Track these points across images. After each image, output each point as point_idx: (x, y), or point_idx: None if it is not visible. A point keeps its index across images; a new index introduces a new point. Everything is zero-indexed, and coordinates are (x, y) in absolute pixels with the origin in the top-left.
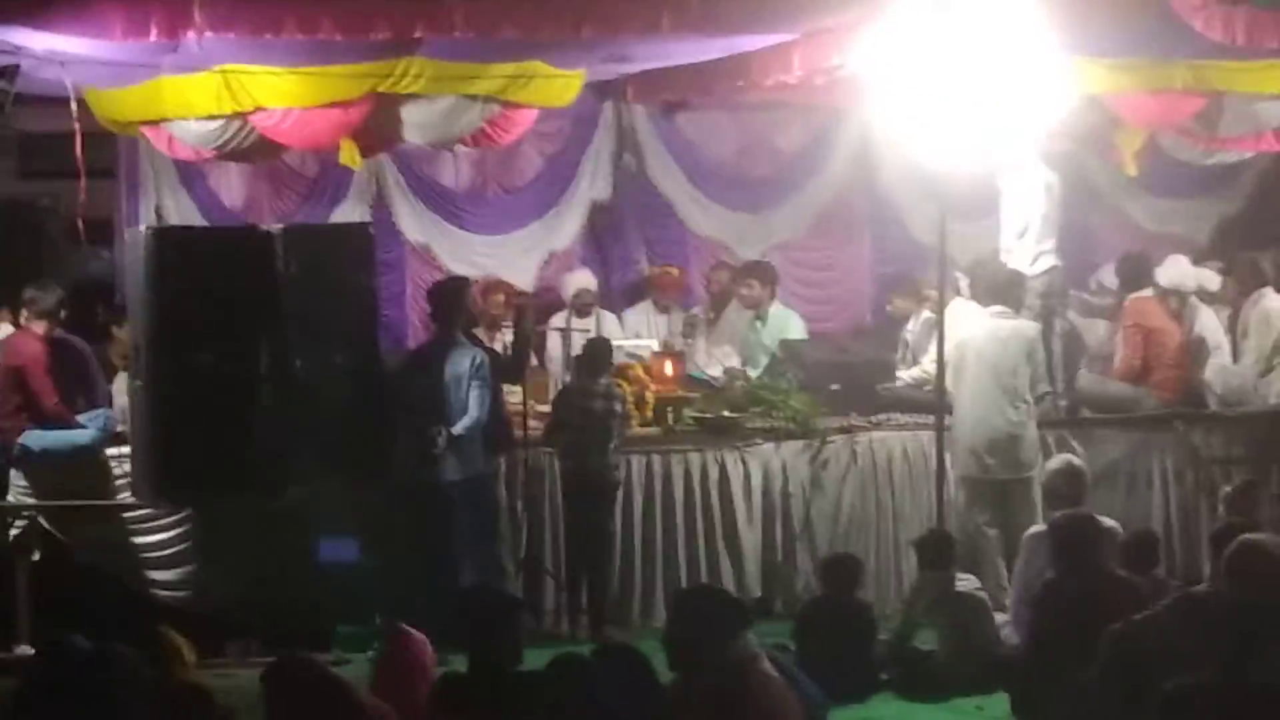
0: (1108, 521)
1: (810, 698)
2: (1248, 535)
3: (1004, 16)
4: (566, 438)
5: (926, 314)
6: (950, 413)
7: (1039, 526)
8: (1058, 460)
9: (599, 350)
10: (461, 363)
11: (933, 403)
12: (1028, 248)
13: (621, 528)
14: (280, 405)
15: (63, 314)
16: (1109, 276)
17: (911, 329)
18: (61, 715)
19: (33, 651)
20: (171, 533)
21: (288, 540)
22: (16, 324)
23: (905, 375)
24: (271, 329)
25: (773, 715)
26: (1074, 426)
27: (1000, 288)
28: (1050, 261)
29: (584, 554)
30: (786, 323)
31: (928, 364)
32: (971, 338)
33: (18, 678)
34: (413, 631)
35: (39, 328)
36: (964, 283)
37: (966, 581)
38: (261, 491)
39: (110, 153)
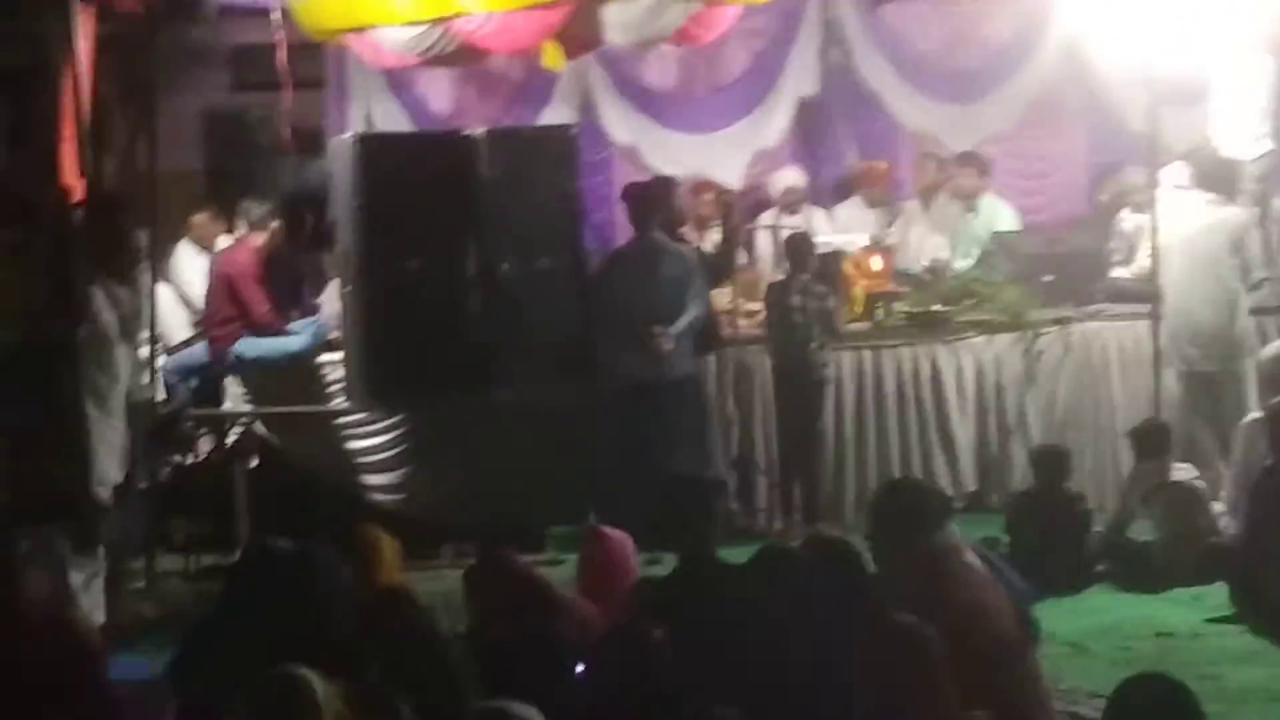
0: None
1: (1015, 589)
2: None
3: None
4: (774, 335)
5: (1141, 203)
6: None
7: (1256, 414)
8: (1274, 347)
9: (799, 247)
10: (670, 262)
11: (1148, 292)
12: (1246, 131)
13: (833, 424)
14: (488, 309)
15: (276, 224)
16: None
17: (1125, 218)
18: (260, 616)
19: None
20: (385, 437)
21: (501, 441)
22: (231, 234)
23: (1121, 271)
24: (477, 233)
25: (974, 607)
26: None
27: (1212, 175)
28: (1268, 145)
29: (795, 451)
30: (999, 214)
31: (1143, 255)
32: (1182, 228)
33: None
34: (611, 531)
35: (253, 238)
36: (1185, 172)
37: (1183, 471)
38: (472, 394)
39: (319, 62)
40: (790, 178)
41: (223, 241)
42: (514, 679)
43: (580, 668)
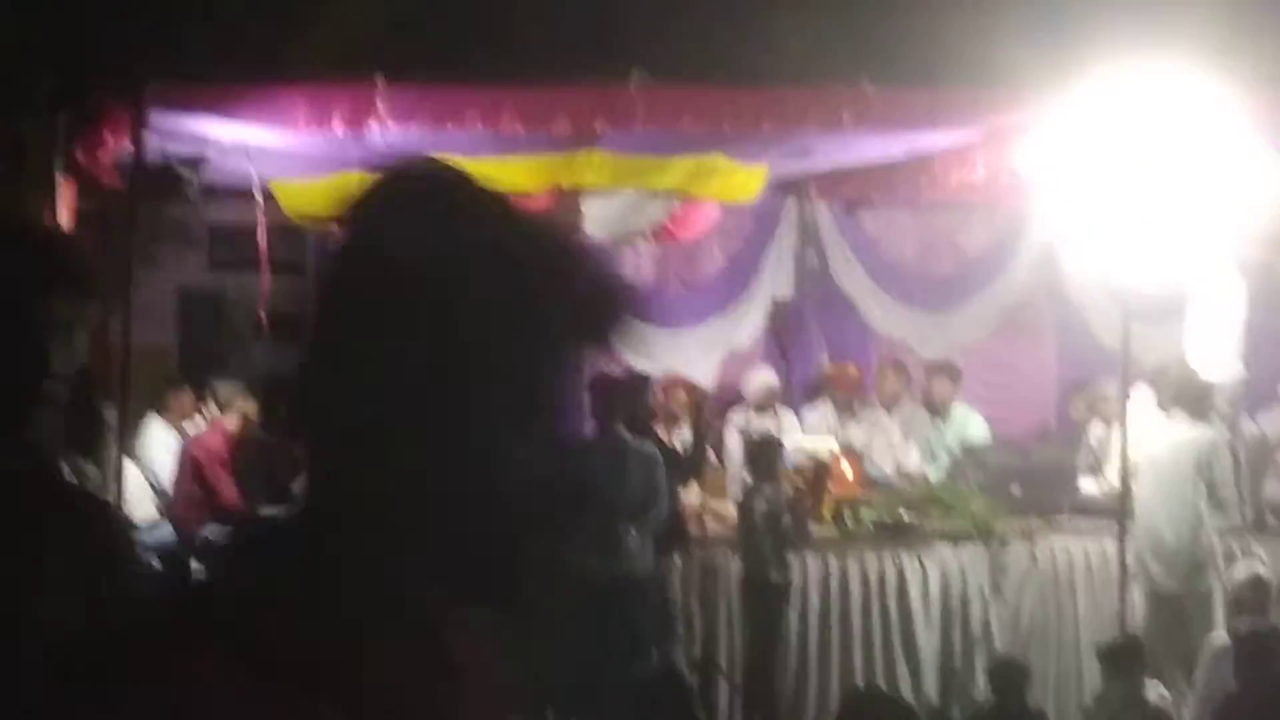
0: None
1: None
2: None
3: (1192, 114)
4: (741, 538)
5: (1109, 420)
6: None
7: (1223, 637)
8: (1243, 570)
9: (764, 452)
10: (635, 459)
11: (1116, 508)
12: (1218, 351)
13: (798, 628)
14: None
15: (248, 408)
16: None
17: (1094, 434)
18: None
19: None
20: None
21: None
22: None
23: (1089, 486)
24: None
25: None
26: (1260, 535)
27: (1180, 395)
28: (1239, 368)
29: (758, 655)
30: (968, 423)
31: (1112, 471)
32: (1149, 446)
33: None
34: None
35: (225, 421)
36: (1154, 391)
37: (1152, 690)
38: None
39: (300, 246)
40: (765, 378)
41: (194, 421)
42: None
43: None
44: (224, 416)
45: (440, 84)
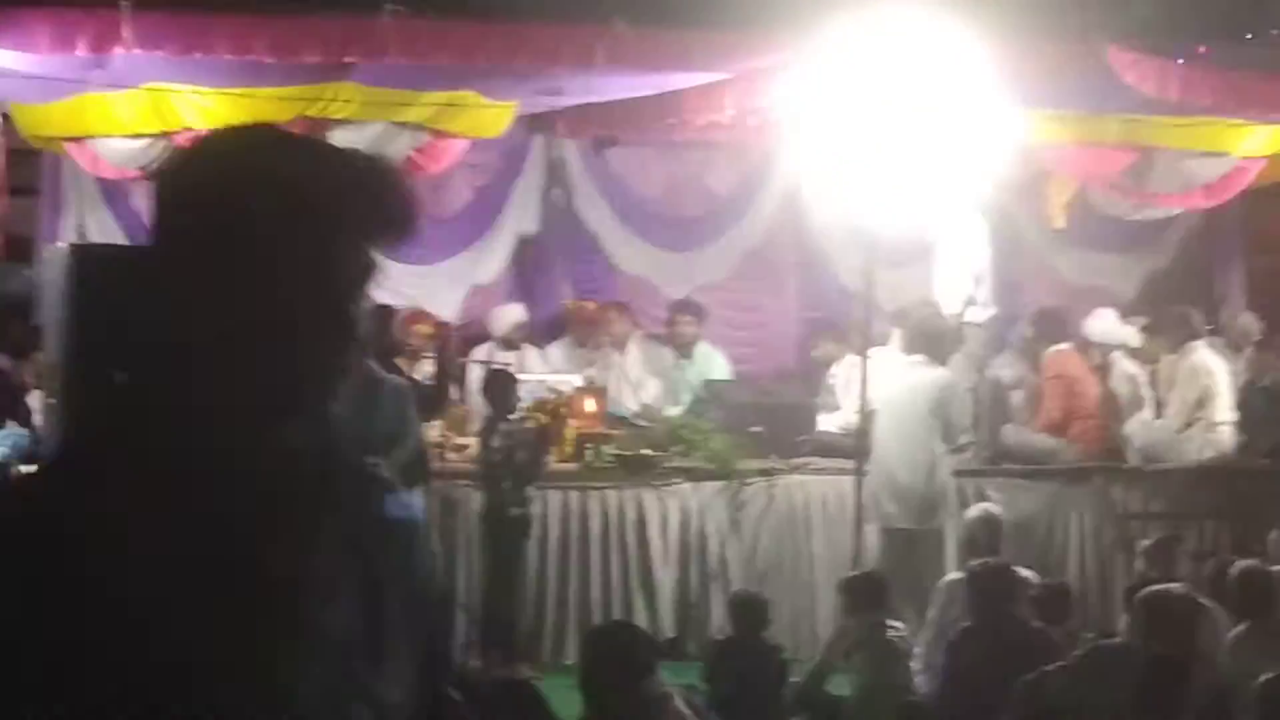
0: (1024, 572)
1: None
2: (1160, 587)
3: (939, 63)
4: (480, 472)
5: (850, 360)
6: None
7: (955, 574)
8: (976, 509)
9: (502, 385)
10: (385, 393)
11: (853, 448)
12: (961, 293)
13: (537, 563)
14: None
15: None
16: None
17: (835, 374)
18: None
19: None
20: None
21: None
22: None
23: (828, 423)
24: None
25: None
26: (993, 477)
27: (922, 337)
28: (991, 310)
29: (496, 589)
30: (711, 362)
31: (850, 411)
32: (885, 387)
33: None
34: None
35: None
36: (895, 333)
37: (894, 628)
38: None
39: (33, 169)
40: (515, 314)
41: None
42: None
43: None
44: None
45: (188, 10)
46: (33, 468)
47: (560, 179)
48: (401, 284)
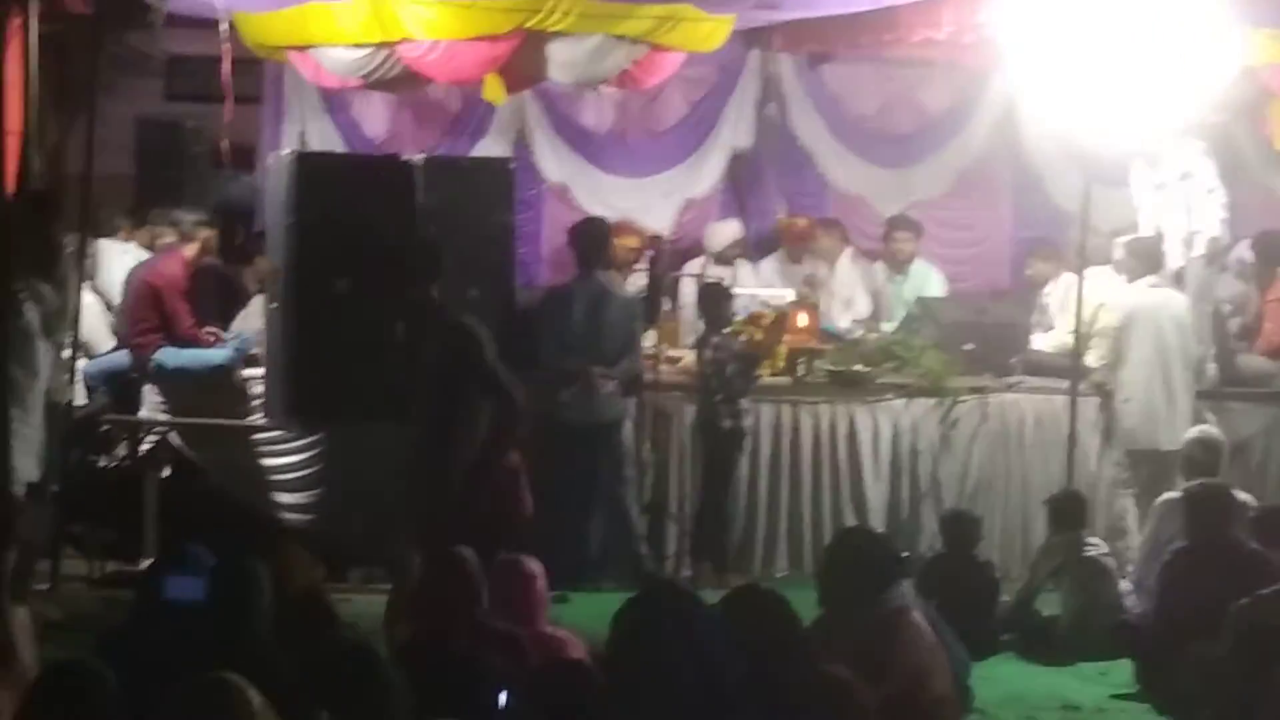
0: (1242, 495)
1: (956, 657)
2: None
3: None
4: (697, 384)
5: (1065, 279)
6: (1090, 379)
7: (1172, 494)
8: (1196, 430)
9: (718, 299)
10: (615, 305)
11: (1068, 367)
12: (1191, 218)
13: (748, 475)
14: (413, 336)
15: (205, 237)
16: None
17: (1049, 294)
18: (176, 622)
19: None
20: (300, 456)
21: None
22: (150, 246)
23: (1041, 343)
24: (408, 260)
25: (921, 669)
26: (1213, 399)
27: (1150, 259)
28: (1216, 232)
29: (708, 500)
30: (926, 279)
31: (1064, 331)
32: (1138, 309)
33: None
34: (528, 561)
35: (182, 249)
36: (1116, 252)
37: (1094, 546)
38: (391, 419)
39: (255, 78)
40: (731, 230)
41: (150, 250)
42: (442, 698)
43: (504, 694)
44: (180, 245)
45: None
46: (259, 372)
47: (775, 94)
48: (614, 196)
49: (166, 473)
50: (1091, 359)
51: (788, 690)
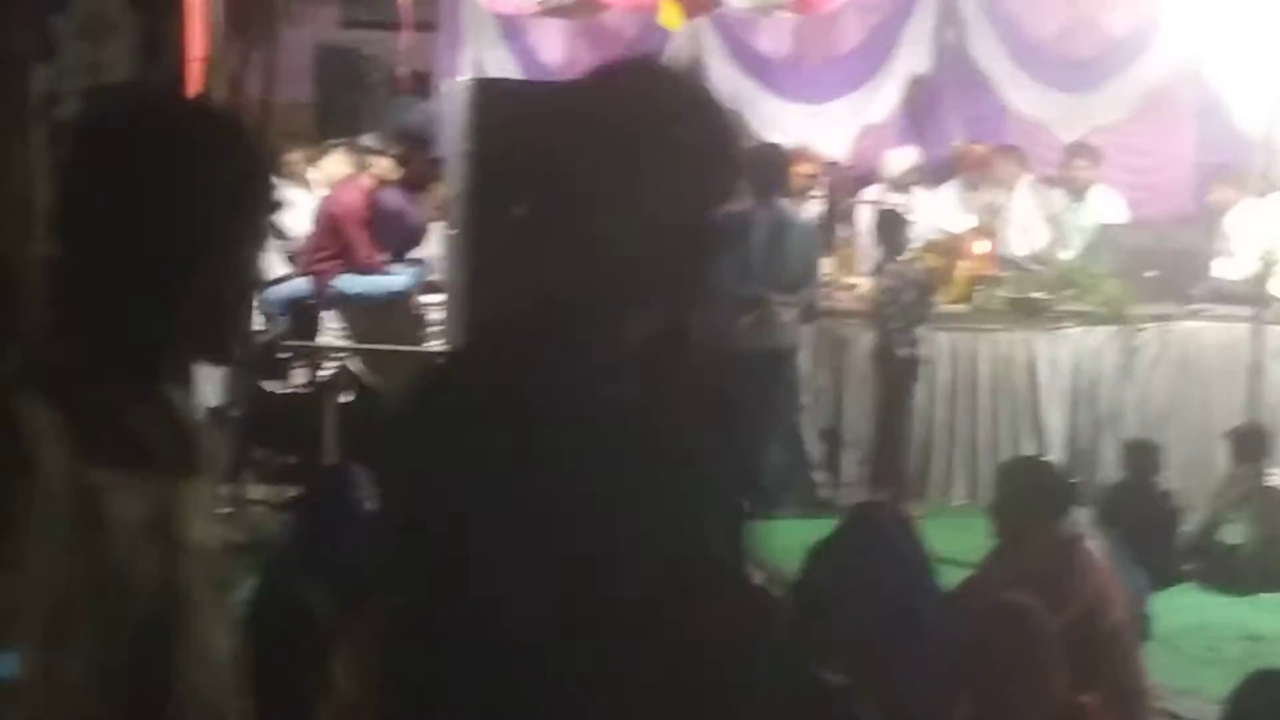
0: None
1: (1136, 585)
2: None
3: None
4: (869, 312)
5: (1248, 205)
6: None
7: None
8: None
9: (895, 226)
10: (795, 233)
11: (1252, 295)
12: None
13: (925, 403)
14: None
15: (386, 163)
16: None
17: (1232, 220)
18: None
19: None
20: None
21: None
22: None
23: (1224, 270)
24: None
25: (1098, 596)
26: None
27: None
28: None
29: (884, 428)
30: (1106, 206)
31: (1248, 256)
32: None
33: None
34: None
35: (362, 178)
36: None
37: (1278, 476)
38: None
39: (432, 5)
40: (908, 157)
41: (330, 178)
42: None
43: None
44: (360, 172)
45: None
46: (438, 298)
47: (953, 19)
48: (790, 122)
49: (346, 398)
50: (1275, 286)
51: (969, 617)
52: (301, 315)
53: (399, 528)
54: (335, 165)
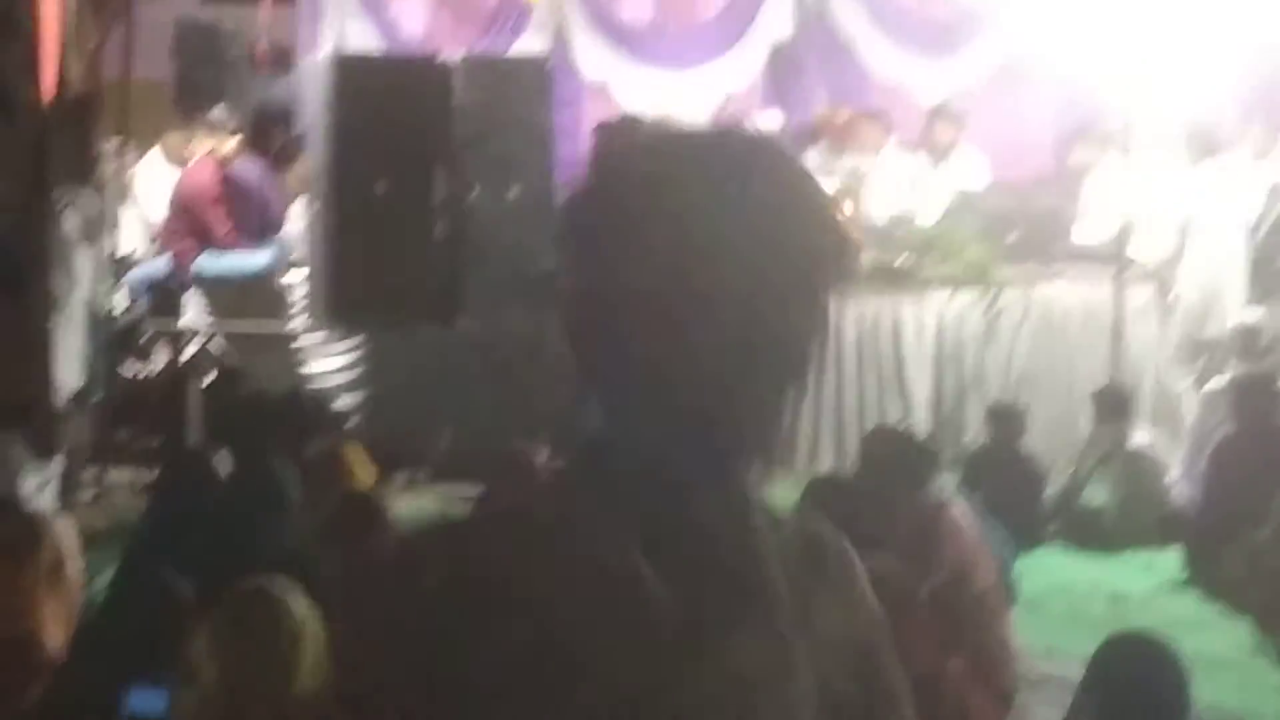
0: None
1: (1002, 549)
2: None
3: None
4: None
5: (1109, 165)
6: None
7: (1218, 382)
8: (1242, 316)
9: None
10: None
11: (1113, 255)
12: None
13: None
14: (453, 236)
15: (239, 138)
16: None
17: (1093, 182)
18: (192, 524)
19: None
20: (344, 359)
21: (459, 370)
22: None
23: (1085, 232)
24: (447, 159)
25: (965, 562)
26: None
27: (1211, 142)
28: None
29: None
30: (968, 169)
31: (1109, 219)
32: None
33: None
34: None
35: (216, 155)
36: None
37: (1141, 435)
38: (433, 320)
39: None
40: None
41: (189, 153)
42: None
43: None
44: (218, 149)
45: None
46: (300, 275)
47: None
48: (653, 91)
49: (210, 379)
50: (1135, 248)
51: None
52: (162, 296)
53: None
54: (189, 142)
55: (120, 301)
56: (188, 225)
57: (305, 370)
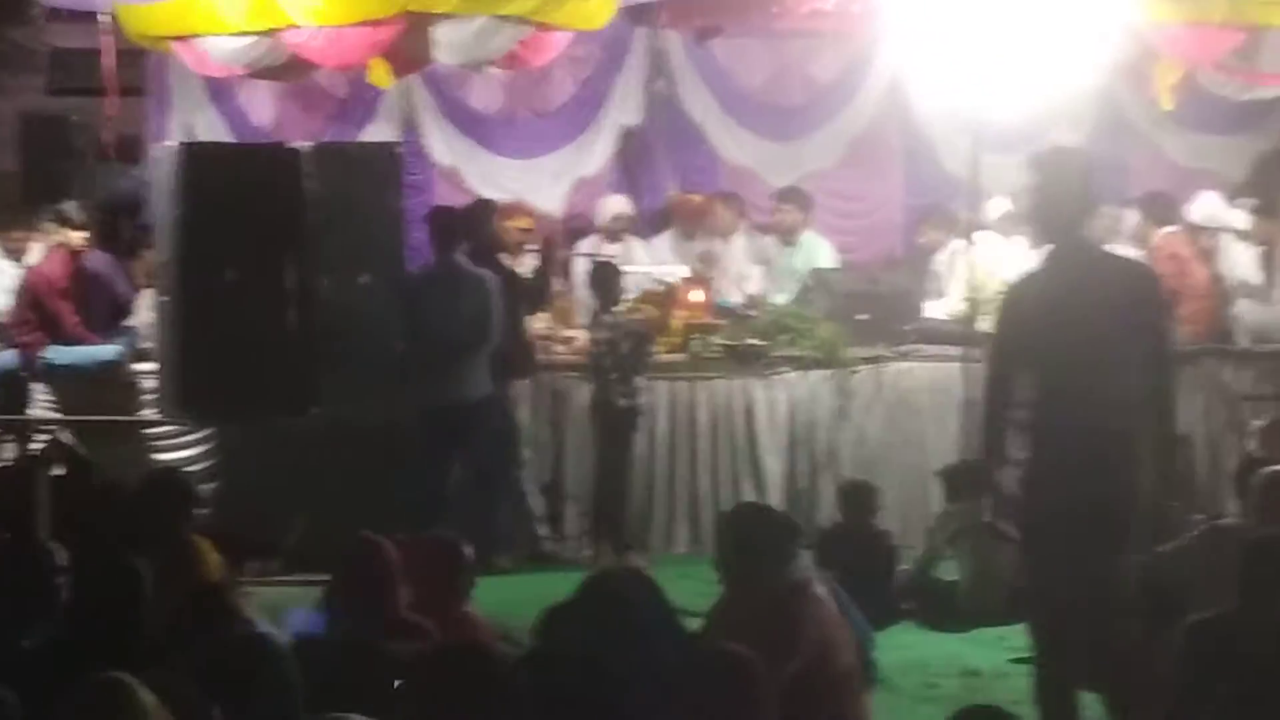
0: None
1: (859, 628)
2: (1275, 469)
3: None
4: (590, 363)
5: (955, 246)
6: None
7: None
8: None
9: (608, 277)
10: (469, 287)
11: (962, 334)
12: None
13: (646, 453)
14: (305, 325)
15: (90, 231)
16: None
17: (941, 261)
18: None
19: None
20: (195, 450)
21: (311, 459)
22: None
23: (934, 310)
24: (298, 248)
25: (824, 644)
26: None
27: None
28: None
29: (606, 479)
30: (817, 250)
31: (956, 297)
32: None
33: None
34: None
35: (63, 249)
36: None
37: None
38: (285, 411)
39: (139, 69)
40: (617, 205)
41: (35, 247)
42: (338, 687)
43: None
44: (65, 241)
45: None
46: (150, 366)
47: (663, 70)
48: (505, 178)
49: (59, 472)
50: (985, 325)
51: (684, 672)
52: (11, 388)
53: None
54: (29, 236)
55: None
56: (37, 317)
57: (156, 461)
